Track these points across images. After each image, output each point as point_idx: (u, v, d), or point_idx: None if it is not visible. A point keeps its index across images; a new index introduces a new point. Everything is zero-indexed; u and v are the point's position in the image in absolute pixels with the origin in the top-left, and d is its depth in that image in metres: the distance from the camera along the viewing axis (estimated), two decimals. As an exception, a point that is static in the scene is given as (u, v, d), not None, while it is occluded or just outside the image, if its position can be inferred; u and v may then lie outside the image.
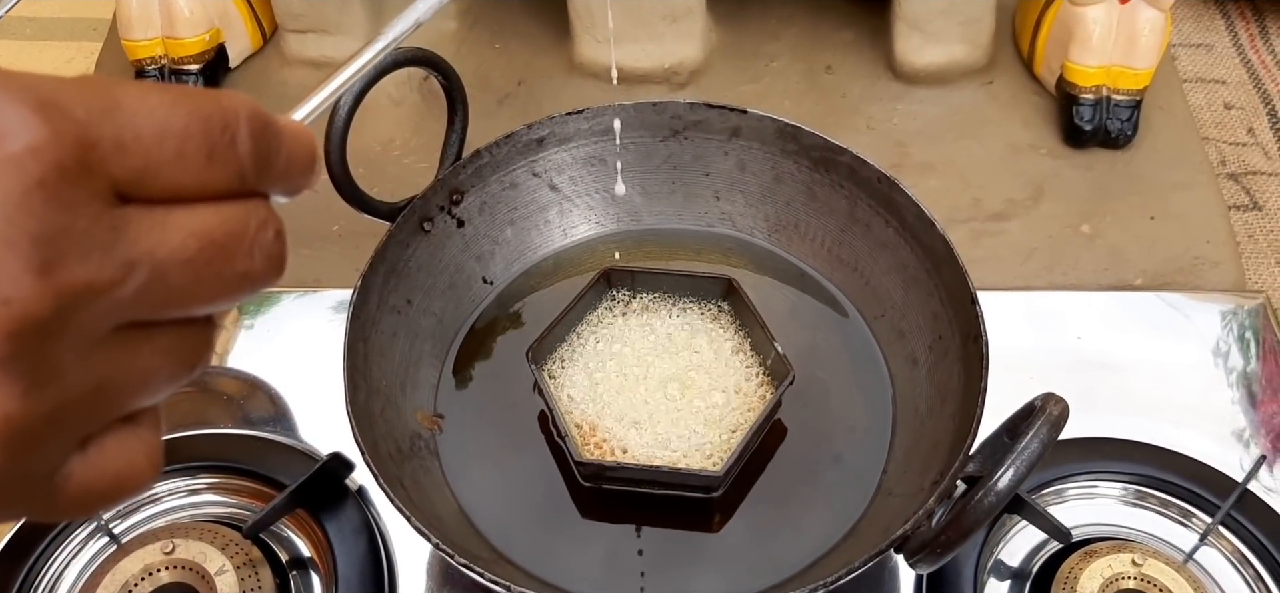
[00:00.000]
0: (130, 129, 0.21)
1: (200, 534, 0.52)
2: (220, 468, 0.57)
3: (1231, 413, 0.59)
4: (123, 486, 0.24)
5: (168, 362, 0.23)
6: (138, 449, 0.24)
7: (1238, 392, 0.60)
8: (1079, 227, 0.69)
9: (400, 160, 0.74)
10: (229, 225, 0.22)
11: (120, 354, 0.22)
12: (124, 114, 0.21)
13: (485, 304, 0.57)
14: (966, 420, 0.46)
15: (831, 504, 0.50)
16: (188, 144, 0.22)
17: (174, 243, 0.22)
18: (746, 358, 0.53)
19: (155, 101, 0.21)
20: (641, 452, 0.50)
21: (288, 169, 0.24)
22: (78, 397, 0.22)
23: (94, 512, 0.24)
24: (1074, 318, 0.63)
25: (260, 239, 0.23)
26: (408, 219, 0.53)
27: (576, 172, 0.59)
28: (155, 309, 0.22)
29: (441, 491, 0.50)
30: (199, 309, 0.23)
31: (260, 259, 0.23)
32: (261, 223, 0.23)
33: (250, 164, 0.23)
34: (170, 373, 0.23)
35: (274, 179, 0.24)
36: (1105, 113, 0.72)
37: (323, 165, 0.26)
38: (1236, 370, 0.61)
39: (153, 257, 0.21)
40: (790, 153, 0.56)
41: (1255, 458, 0.56)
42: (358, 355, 0.49)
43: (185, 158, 0.22)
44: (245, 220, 0.23)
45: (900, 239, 0.54)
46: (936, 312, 0.52)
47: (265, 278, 0.24)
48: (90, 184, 0.20)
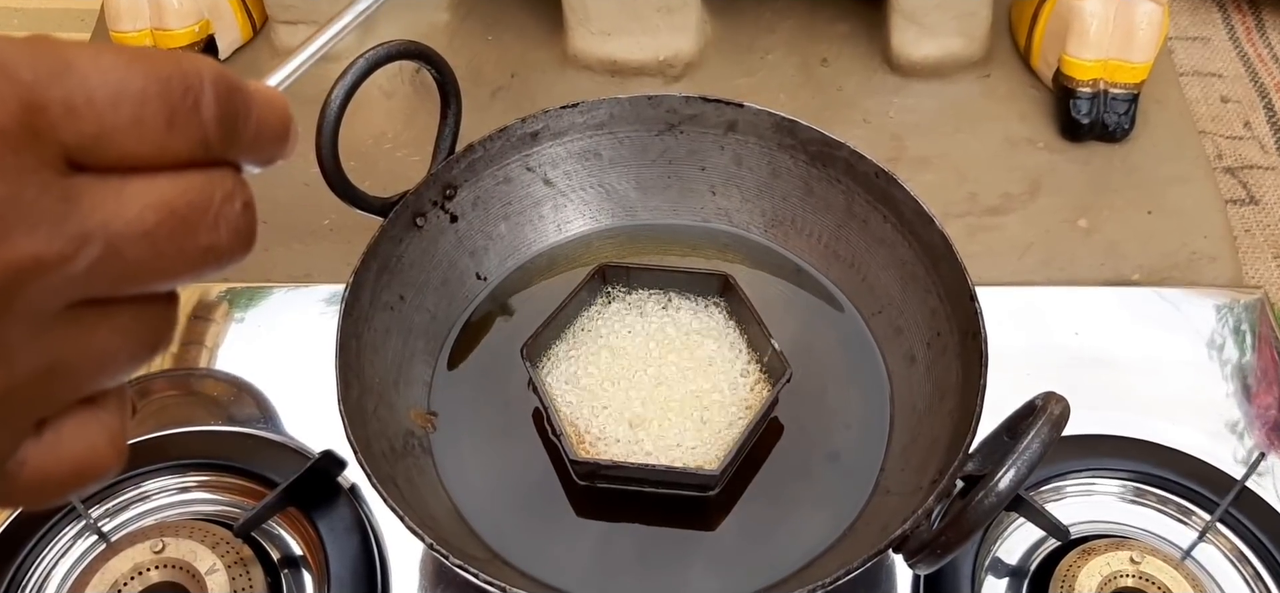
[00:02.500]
0: (82, 92, 0.20)
1: (190, 533, 0.51)
2: (210, 466, 0.56)
3: (1229, 410, 0.59)
4: (83, 472, 0.22)
5: (127, 341, 0.22)
6: (98, 433, 0.23)
7: (1236, 388, 0.60)
8: (1076, 221, 0.69)
9: (392, 154, 0.74)
10: (191, 195, 0.21)
11: (74, 333, 0.21)
12: (75, 76, 0.20)
13: (479, 300, 0.57)
14: (965, 418, 0.45)
15: (829, 503, 0.50)
16: (145, 108, 0.20)
17: (130, 214, 0.20)
18: (743, 355, 0.53)
19: (109, 63, 0.20)
20: (637, 450, 0.49)
21: (258, 137, 0.23)
22: (28, 378, 0.21)
23: (55, 499, 0.23)
24: (1071, 314, 0.62)
25: (226, 211, 0.22)
26: (400, 214, 0.52)
27: (571, 166, 0.58)
28: (112, 285, 0.21)
29: (435, 489, 0.50)
30: (159, 285, 0.22)
31: (226, 232, 0.22)
32: (227, 194, 0.22)
33: (215, 130, 0.21)
34: (130, 353, 0.22)
35: (243, 147, 0.23)
36: (1102, 106, 0.71)
37: (296, 133, 0.25)
38: (1234, 366, 0.61)
39: (107, 229, 0.20)
40: (787, 147, 0.56)
41: (1254, 455, 0.55)
42: (350, 353, 0.48)
43: (143, 123, 0.20)
44: (209, 190, 0.22)
45: (898, 235, 0.53)
46: (934, 308, 0.51)
47: (232, 252, 0.22)
48: (38, 151, 0.19)
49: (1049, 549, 0.53)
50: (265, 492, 0.54)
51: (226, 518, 0.54)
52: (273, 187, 0.72)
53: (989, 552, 0.54)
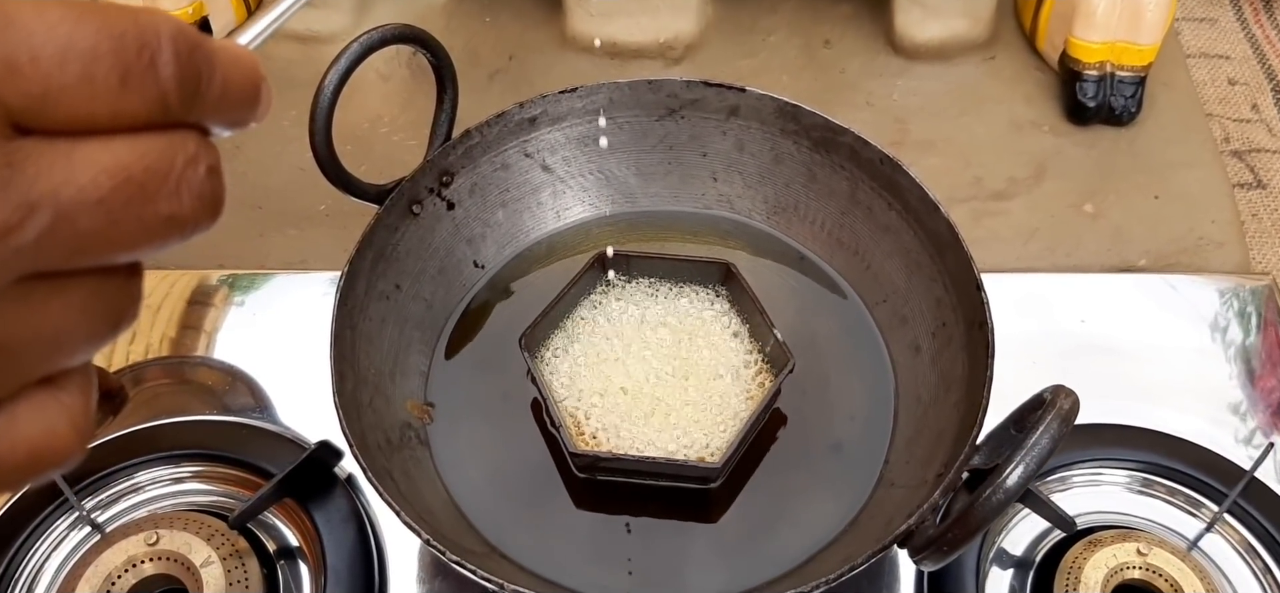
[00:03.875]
0: (26, 49, 0.18)
1: (185, 524, 0.51)
2: (205, 456, 0.56)
3: (1237, 398, 0.58)
4: (41, 457, 0.21)
5: (84, 318, 0.20)
6: (57, 416, 0.21)
7: (1243, 376, 0.59)
8: (1082, 206, 0.68)
9: (388, 138, 0.73)
10: (149, 160, 0.20)
11: (25, 310, 0.19)
12: (17, 32, 0.18)
13: (477, 289, 0.56)
14: (972, 411, 0.45)
15: (832, 495, 0.49)
16: (96, 66, 0.19)
17: (82, 181, 0.19)
18: (745, 345, 0.52)
19: (56, 18, 0.19)
20: (637, 442, 0.49)
21: (223, 97, 0.21)
22: None
23: (11, 486, 0.22)
24: (1077, 301, 0.62)
25: (188, 176, 0.20)
26: (396, 202, 0.51)
27: (570, 152, 0.57)
28: (64, 258, 0.19)
29: (432, 482, 0.49)
30: (117, 257, 0.20)
31: (189, 199, 0.20)
32: (190, 158, 0.20)
33: (175, 90, 0.20)
34: (88, 331, 0.21)
35: (207, 109, 0.21)
36: (1109, 89, 0.71)
37: (269, 95, 0.23)
38: (1242, 354, 0.60)
39: (57, 197, 0.19)
40: (790, 133, 0.55)
41: (1262, 445, 0.55)
42: (345, 344, 0.47)
43: (93, 82, 0.19)
44: (169, 154, 0.20)
45: (903, 222, 0.52)
46: (940, 297, 0.51)
47: (196, 221, 0.21)
48: None
49: (1055, 541, 0.52)
50: (261, 483, 0.53)
51: (221, 509, 0.53)
52: (267, 172, 0.73)
53: (993, 543, 0.54)
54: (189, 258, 0.66)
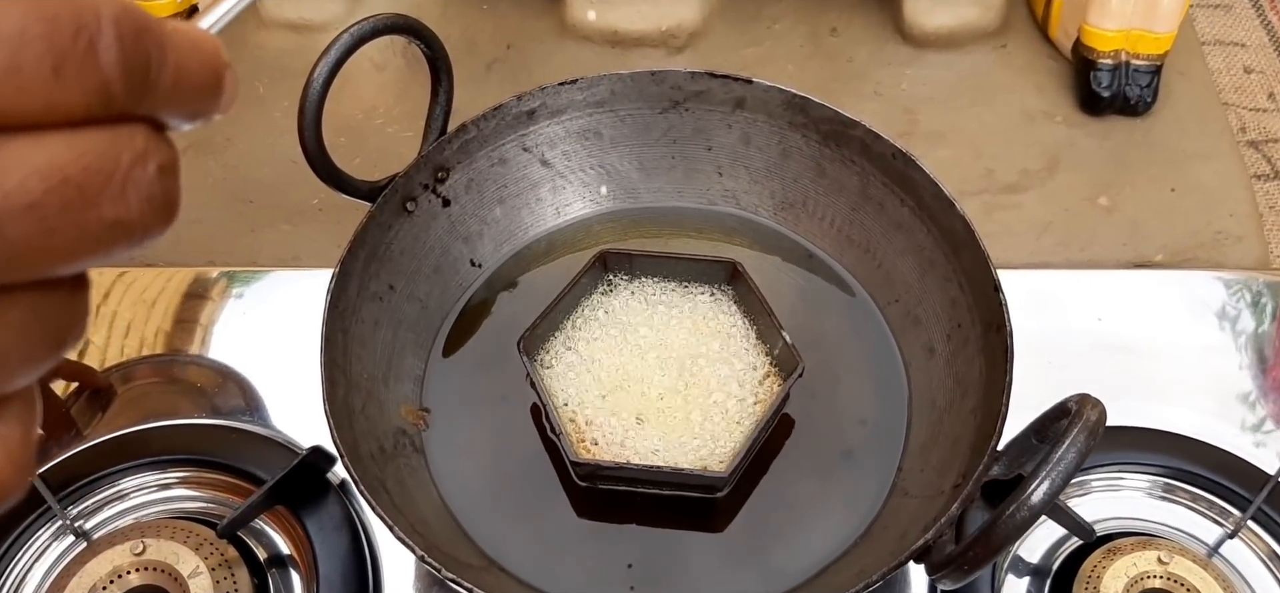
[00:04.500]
0: None
1: (172, 533, 0.49)
2: (193, 461, 0.55)
3: (1259, 400, 0.56)
4: None
5: (21, 338, 0.18)
6: None
7: (1265, 376, 0.57)
8: (1096, 199, 0.67)
9: (383, 130, 0.71)
10: (89, 159, 0.17)
11: None
12: None
13: (473, 288, 0.55)
14: (990, 418, 0.43)
15: (842, 504, 0.48)
16: (24, 53, 0.16)
17: (11, 183, 0.17)
18: (752, 347, 0.50)
19: None
20: (641, 448, 0.47)
21: (177, 86, 0.19)
22: None
23: None
24: (1093, 298, 0.60)
25: (135, 176, 0.18)
26: (389, 199, 0.50)
27: (570, 146, 0.55)
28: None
29: (427, 491, 0.48)
30: (56, 268, 0.18)
31: (136, 202, 0.18)
32: (137, 155, 0.18)
33: (119, 78, 0.18)
34: (27, 352, 0.18)
35: (159, 99, 0.19)
36: (1124, 79, 0.69)
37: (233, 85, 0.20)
38: (1264, 353, 0.58)
39: None
40: (798, 126, 0.53)
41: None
42: (336, 348, 0.46)
43: (22, 71, 0.16)
44: (113, 152, 0.18)
45: (916, 219, 0.51)
46: (955, 297, 0.49)
47: (145, 226, 0.19)
48: None
49: (1073, 548, 0.51)
50: (250, 489, 0.52)
51: (210, 517, 0.52)
52: (259, 165, 0.71)
53: (1009, 551, 0.52)
54: (177, 254, 0.65)
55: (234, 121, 0.73)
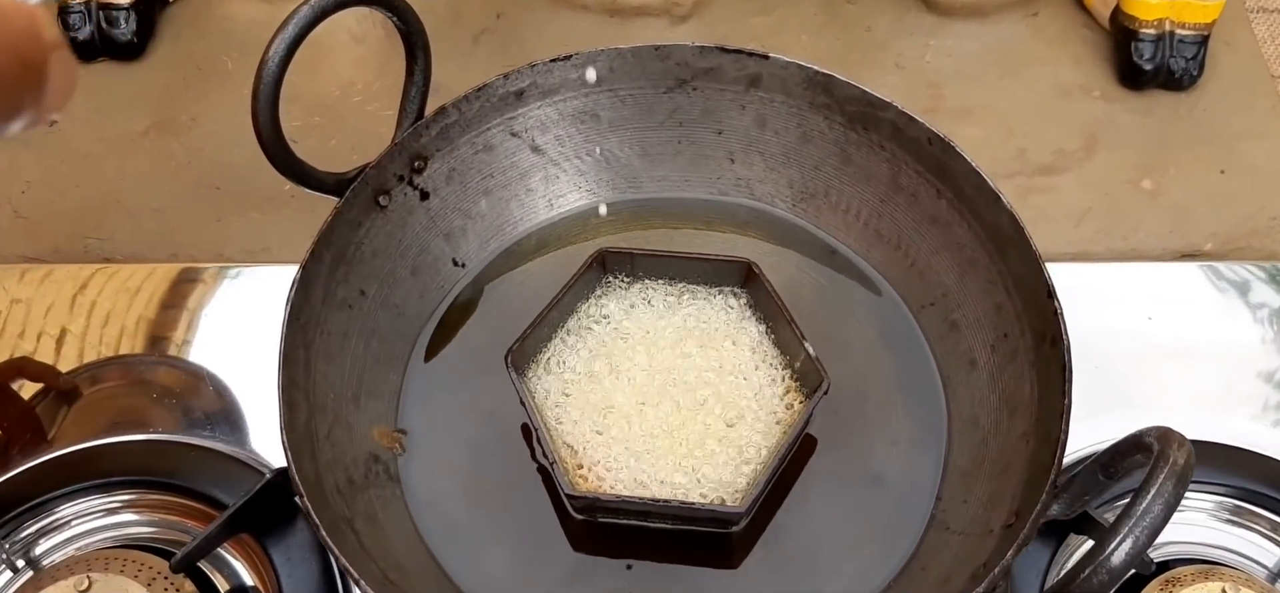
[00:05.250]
0: None
1: (122, 565, 0.46)
2: (146, 483, 0.51)
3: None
4: None
5: None
6: None
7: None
8: (1139, 182, 0.64)
9: (362, 108, 0.67)
10: None
11: None
12: None
13: (456, 292, 0.51)
14: (1047, 447, 0.39)
15: (873, 537, 0.44)
16: None
17: None
18: (769, 359, 0.47)
19: None
20: (645, 477, 0.44)
21: None
22: None
23: None
24: (1141, 293, 0.57)
25: None
26: (359, 193, 0.47)
27: (563, 130, 0.52)
28: None
29: (402, 525, 0.44)
30: None
31: None
32: None
33: None
34: None
35: None
36: (1168, 50, 0.65)
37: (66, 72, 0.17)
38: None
39: None
40: (820, 107, 0.50)
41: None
42: (297, 366, 0.42)
43: None
44: None
45: (955, 213, 0.48)
46: (1000, 303, 0.46)
47: None
48: None
49: (1126, 578, 0.46)
50: (211, 512, 0.48)
51: (165, 545, 0.48)
52: (226, 147, 0.67)
53: (1053, 578, 0.47)
54: (137, 246, 0.62)
55: (199, 100, 0.68)
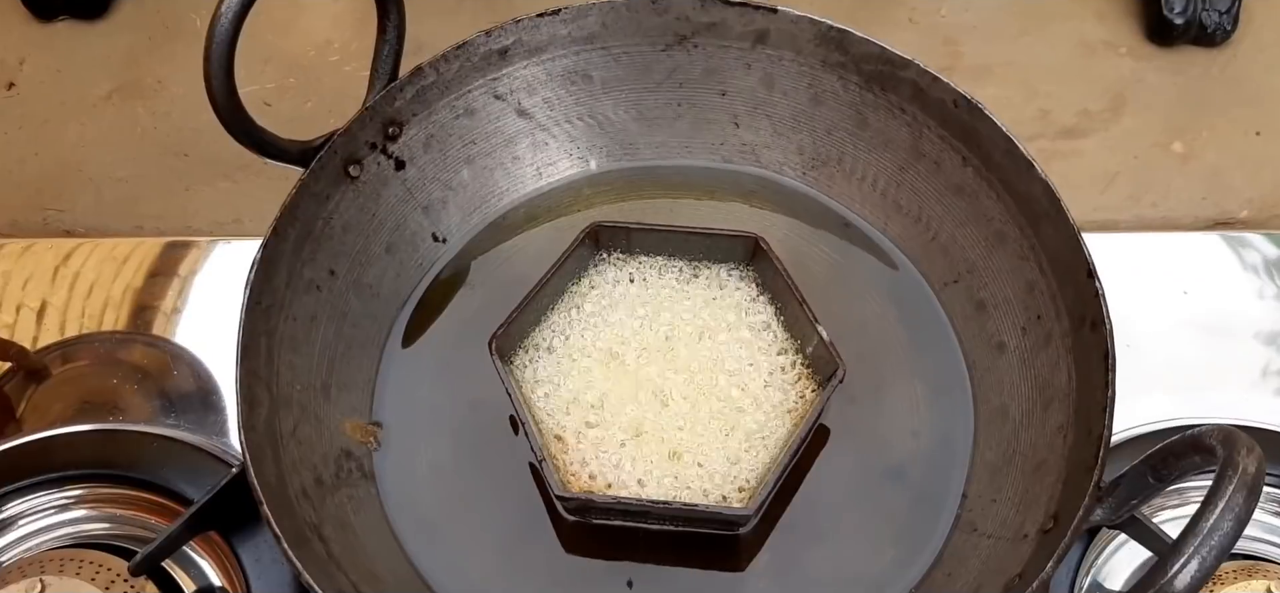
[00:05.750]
0: None
1: (78, 567, 0.44)
2: (104, 477, 0.49)
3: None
4: None
5: None
6: None
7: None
8: (1169, 145, 0.62)
9: (340, 68, 0.66)
10: None
11: None
12: None
13: (436, 271, 0.49)
14: (1088, 442, 0.36)
15: (892, 539, 0.42)
16: None
17: None
18: (778, 343, 0.44)
19: None
20: (643, 475, 0.41)
21: None
22: None
23: None
24: (1174, 266, 0.55)
25: None
26: (327, 163, 0.44)
27: (553, 91, 0.50)
28: None
29: (378, 530, 0.42)
30: None
31: None
32: None
33: None
34: None
35: None
36: (1200, 3, 0.64)
37: None
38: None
39: None
40: (834, 65, 0.48)
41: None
42: (257, 357, 0.40)
43: None
44: None
45: (982, 182, 0.45)
46: (1032, 281, 0.43)
47: None
48: None
49: None
50: (176, 508, 0.47)
51: (126, 542, 0.47)
52: (195, 112, 0.64)
53: (1087, 574, 0.46)
54: (98, 218, 0.60)
55: (166, 61, 0.66)
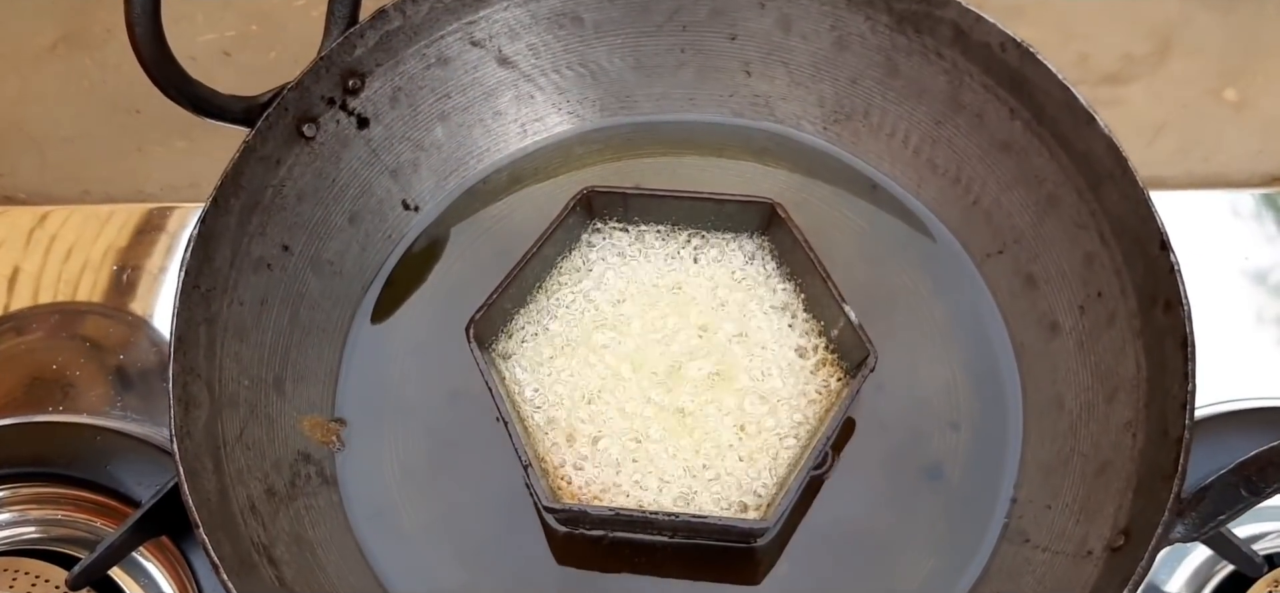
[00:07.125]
0: None
1: (12, 579, 0.43)
2: (41, 475, 0.47)
3: None
4: None
5: None
6: None
7: None
8: (1221, 92, 0.61)
9: (307, 13, 0.63)
10: None
11: None
12: None
13: (408, 243, 0.46)
14: (1164, 446, 0.32)
15: (930, 547, 0.38)
16: None
17: None
18: (798, 322, 0.40)
19: None
20: (643, 480, 0.36)
21: None
22: None
23: None
24: (1230, 227, 0.52)
25: None
26: (276, 122, 0.40)
27: (538, 36, 0.46)
28: None
29: (341, 545, 0.38)
30: None
31: None
32: None
33: None
34: None
35: None
36: None
37: None
38: None
39: None
40: (860, 4, 0.44)
41: None
42: (195, 349, 0.36)
43: None
44: None
45: (1033, 138, 0.41)
46: (1092, 253, 0.39)
47: None
48: None
49: (1225, 574, 0.44)
50: (123, 509, 0.44)
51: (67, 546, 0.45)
52: None
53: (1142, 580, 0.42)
54: (41, 183, 0.59)
55: (115, 7, 0.63)
